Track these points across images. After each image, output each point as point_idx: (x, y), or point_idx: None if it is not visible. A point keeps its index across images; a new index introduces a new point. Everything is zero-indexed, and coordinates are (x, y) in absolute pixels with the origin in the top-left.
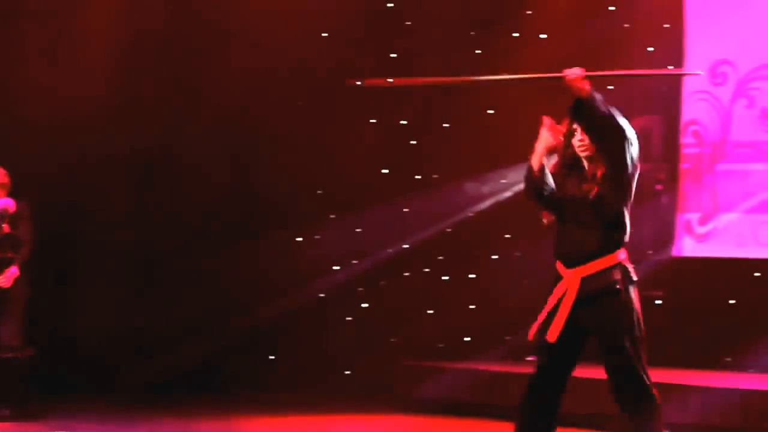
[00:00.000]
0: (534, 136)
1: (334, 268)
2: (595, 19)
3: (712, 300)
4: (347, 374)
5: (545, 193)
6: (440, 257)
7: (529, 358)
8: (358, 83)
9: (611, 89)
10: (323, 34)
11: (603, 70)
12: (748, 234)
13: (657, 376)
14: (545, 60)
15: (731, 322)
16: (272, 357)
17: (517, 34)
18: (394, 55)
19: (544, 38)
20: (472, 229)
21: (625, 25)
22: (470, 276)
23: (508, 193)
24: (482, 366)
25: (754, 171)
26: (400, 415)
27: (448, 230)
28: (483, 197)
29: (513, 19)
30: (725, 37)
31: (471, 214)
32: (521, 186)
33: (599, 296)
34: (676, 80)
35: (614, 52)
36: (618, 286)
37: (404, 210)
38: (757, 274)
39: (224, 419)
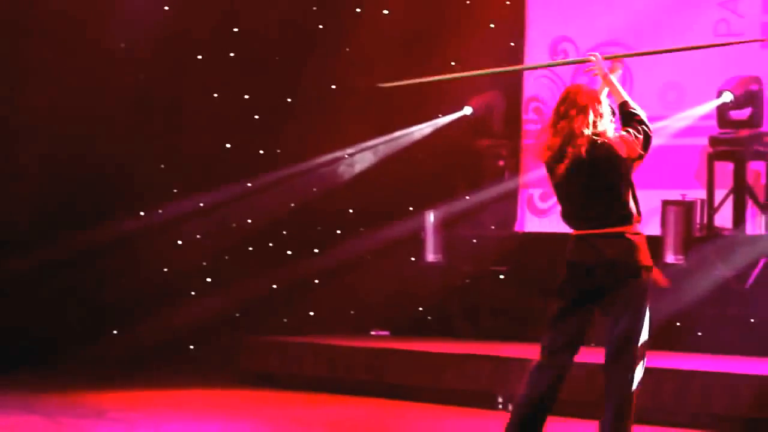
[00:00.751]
0: (375, 111)
1: (178, 242)
2: None
3: (554, 275)
4: (191, 349)
5: None
6: (284, 232)
7: (373, 333)
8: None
9: (453, 65)
10: (165, 8)
11: (445, 47)
12: None
13: (501, 350)
14: (388, 36)
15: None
16: (115, 332)
17: (359, 10)
18: (236, 30)
19: (386, 14)
20: (316, 204)
21: (467, 2)
22: (314, 251)
23: (351, 169)
24: (326, 340)
25: None
26: (245, 389)
27: (292, 205)
28: (327, 173)
29: None
30: (566, 15)
31: (315, 189)
32: (366, 161)
33: None
34: (517, 58)
35: (456, 29)
36: None
37: (248, 185)
38: None
39: (67, 395)
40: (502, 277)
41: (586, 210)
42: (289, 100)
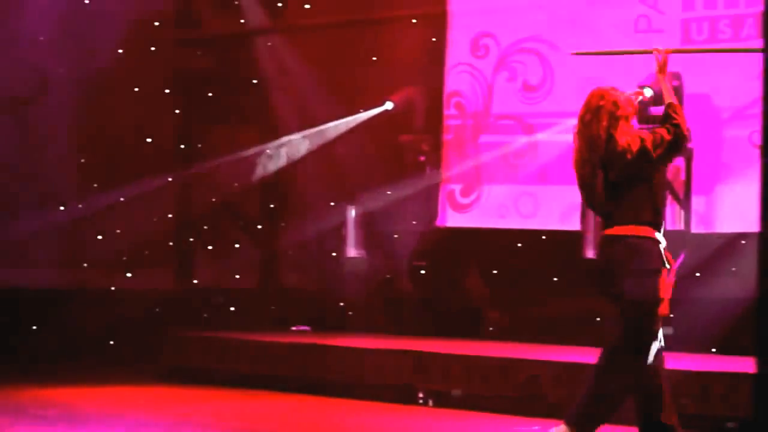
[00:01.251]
0: (296, 106)
1: (98, 237)
2: None
3: (475, 270)
4: (112, 344)
5: None
6: (205, 226)
7: (294, 328)
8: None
9: (375, 60)
10: (86, 1)
11: (366, 39)
12: (510, 205)
13: (423, 345)
14: (309, 30)
15: (495, 292)
16: (34, 327)
17: (281, 4)
18: (157, 24)
19: (308, 8)
20: (237, 198)
21: None
22: (235, 246)
23: (273, 164)
24: (247, 336)
25: (516, 143)
26: (166, 385)
27: (213, 200)
28: (249, 167)
29: None
30: (487, 10)
31: (236, 184)
32: (288, 156)
33: None
34: (438, 53)
35: (378, 24)
36: None
37: (168, 179)
38: (519, 245)
39: None
40: (423, 272)
41: (603, 210)
42: (210, 94)
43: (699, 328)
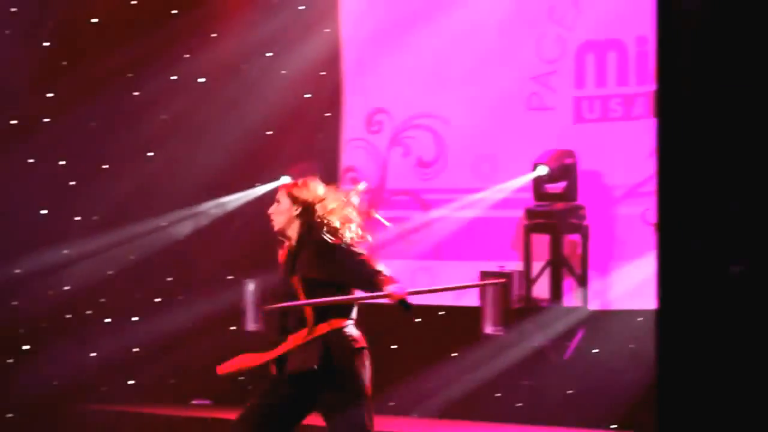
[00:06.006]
0: (192, 180)
1: None
2: (248, 62)
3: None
4: (10, 417)
5: None
6: (102, 300)
7: (194, 402)
8: None
9: (270, 134)
10: None
11: (260, 117)
12: (406, 280)
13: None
14: (205, 101)
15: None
16: None
17: (175, 77)
18: (51, 95)
19: (202, 82)
20: (134, 271)
21: (282, 72)
22: (133, 319)
23: (169, 236)
24: (146, 409)
25: (411, 218)
26: None
27: (110, 273)
28: (145, 240)
29: (171, 61)
30: (381, 86)
31: (132, 257)
32: (185, 229)
33: None
34: (334, 127)
35: (272, 98)
36: None
37: (64, 251)
38: (417, 320)
39: None
40: None
41: None
42: (105, 166)
43: (598, 405)
